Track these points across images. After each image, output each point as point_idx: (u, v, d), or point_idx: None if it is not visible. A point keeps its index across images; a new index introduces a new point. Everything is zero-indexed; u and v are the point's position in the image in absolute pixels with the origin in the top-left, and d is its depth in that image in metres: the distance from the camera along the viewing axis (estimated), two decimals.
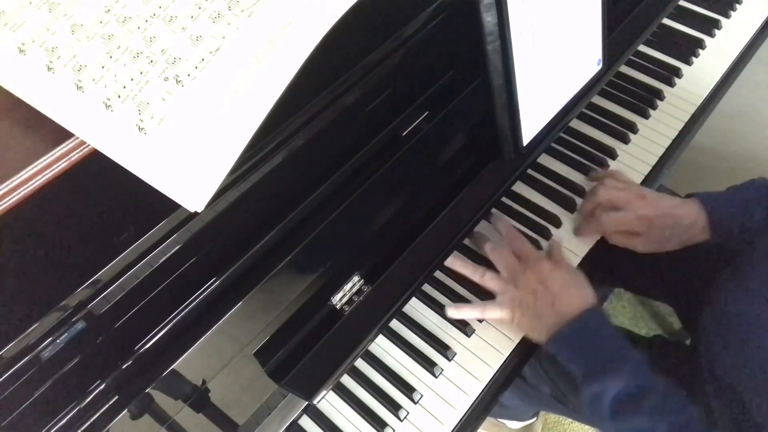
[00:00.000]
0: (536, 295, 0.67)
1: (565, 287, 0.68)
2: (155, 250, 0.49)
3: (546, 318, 0.66)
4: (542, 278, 0.68)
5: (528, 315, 0.68)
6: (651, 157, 0.88)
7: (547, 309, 0.67)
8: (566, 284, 0.68)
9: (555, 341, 0.66)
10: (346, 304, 0.66)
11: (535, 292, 0.68)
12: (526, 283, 0.69)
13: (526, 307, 0.68)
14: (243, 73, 0.44)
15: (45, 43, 0.46)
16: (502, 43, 0.63)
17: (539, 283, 0.68)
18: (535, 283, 0.68)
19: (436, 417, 0.69)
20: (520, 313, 0.69)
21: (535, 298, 0.67)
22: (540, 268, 0.70)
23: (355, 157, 0.63)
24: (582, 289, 0.69)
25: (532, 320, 0.68)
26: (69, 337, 0.47)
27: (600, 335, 0.65)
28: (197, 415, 0.58)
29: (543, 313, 0.67)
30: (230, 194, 0.52)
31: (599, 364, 0.63)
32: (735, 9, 1.03)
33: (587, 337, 0.65)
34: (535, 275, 0.69)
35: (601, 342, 0.65)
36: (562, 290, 0.67)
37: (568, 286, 0.68)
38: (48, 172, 0.45)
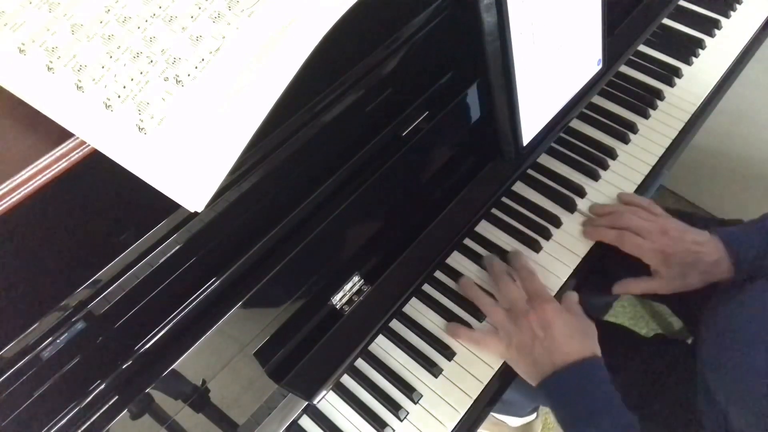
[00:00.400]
0: (535, 341, 0.66)
1: (567, 336, 0.66)
2: (155, 250, 0.49)
3: (541, 366, 0.65)
4: (545, 323, 0.66)
5: (524, 358, 0.67)
6: (651, 157, 0.88)
7: (544, 357, 0.65)
8: (569, 333, 0.66)
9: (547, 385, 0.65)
10: (346, 304, 0.66)
11: (535, 337, 0.66)
12: (528, 325, 0.67)
13: (523, 350, 0.66)
14: (243, 73, 0.44)
15: (45, 43, 0.46)
16: (502, 43, 0.63)
17: (541, 328, 0.66)
18: (537, 328, 0.66)
19: (436, 417, 0.69)
20: (516, 353, 0.67)
21: (534, 344, 0.66)
22: (544, 311, 0.67)
23: (355, 157, 0.63)
24: (584, 340, 0.67)
25: (527, 364, 0.67)
26: (69, 337, 0.47)
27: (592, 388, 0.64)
28: (197, 415, 0.58)
29: (539, 360, 0.65)
30: (230, 194, 0.52)
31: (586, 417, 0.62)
32: (735, 9, 1.03)
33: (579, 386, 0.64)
34: (538, 319, 0.67)
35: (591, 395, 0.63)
36: (563, 340, 0.65)
37: (571, 335, 0.66)
38: (48, 172, 0.45)
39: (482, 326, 0.74)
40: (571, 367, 0.64)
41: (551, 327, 0.66)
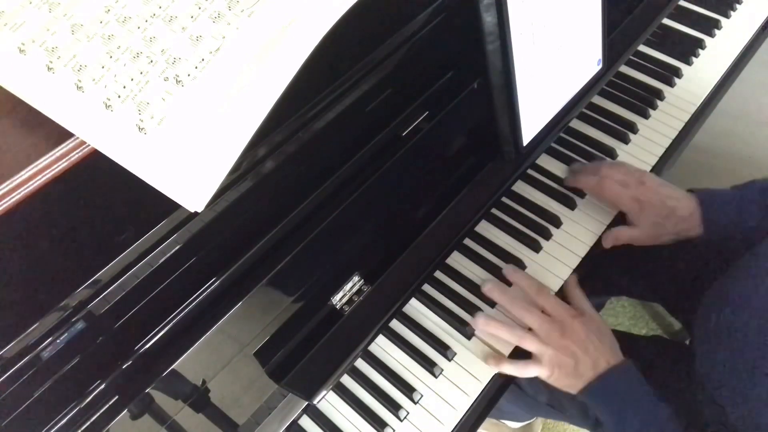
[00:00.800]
0: (576, 358, 0.68)
1: (602, 347, 0.69)
2: (155, 250, 0.49)
3: (585, 377, 0.68)
4: (581, 341, 0.69)
5: (568, 376, 0.69)
6: (651, 157, 0.88)
7: (587, 370, 0.68)
8: (602, 344, 0.70)
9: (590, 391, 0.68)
10: (346, 304, 0.66)
11: (574, 355, 0.68)
12: (566, 346, 0.69)
13: (566, 369, 0.69)
14: (243, 73, 0.44)
15: (45, 43, 0.46)
16: (502, 43, 0.63)
17: (579, 346, 0.69)
18: (574, 347, 0.69)
19: (436, 417, 0.69)
20: (558, 372, 0.69)
21: (575, 361, 0.68)
22: (577, 330, 0.70)
23: (355, 157, 0.63)
24: (613, 347, 0.70)
25: (572, 379, 0.69)
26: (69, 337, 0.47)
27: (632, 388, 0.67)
28: (197, 415, 0.58)
29: (583, 373, 0.68)
30: (230, 194, 0.52)
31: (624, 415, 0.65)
32: (735, 9, 1.03)
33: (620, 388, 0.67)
34: (574, 338, 0.69)
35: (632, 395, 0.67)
36: (599, 352, 0.69)
37: (604, 344, 0.70)
38: (48, 172, 0.45)
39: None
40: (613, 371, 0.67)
41: (587, 342, 0.69)
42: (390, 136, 0.66)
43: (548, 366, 0.70)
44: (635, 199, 0.76)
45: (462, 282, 0.77)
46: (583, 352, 0.68)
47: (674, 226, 0.75)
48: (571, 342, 0.69)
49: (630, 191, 0.77)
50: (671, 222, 0.75)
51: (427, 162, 0.71)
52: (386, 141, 0.66)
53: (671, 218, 0.75)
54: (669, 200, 0.75)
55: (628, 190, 0.77)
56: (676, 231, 0.75)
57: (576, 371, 0.68)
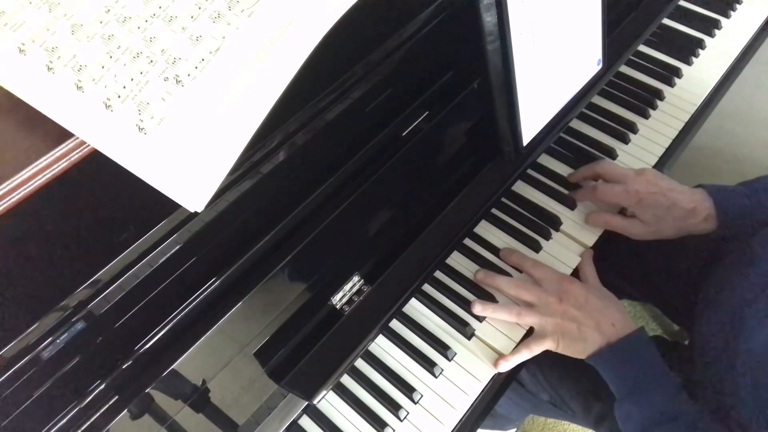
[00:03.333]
0: (578, 321, 0.68)
1: (605, 309, 0.68)
2: (155, 250, 0.49)
3: (591, 340, 0.67)
4: (580, 305, 0.68)
5: (573, 341, 0.68)
6: (651, 157, 0.88)
7: (591, 333, 0.67)
8: (604, 306, 0.69)
9: (600, 359, 0.67)
10: (346, 304, 0.66)
11: (575, 318, 0.68)
12: (565, 312, 0.68)
13: (570, 335, 0.68)
14: (243, 73, 0.44)
15: (45, 43, 0.46)
16: (502, 43, 0.63)
17: (578, 309, 0.68)
18: (574, 311, 0.68)
19: (436, 417, 0.69)
20: (564, 341, 0.69)
21: (578, 324, 0.67)
22: (575, 294, 0.69)
23: (355, 157, 0.63)
24: (620, 310, 0.69)
25: (577, 344, 0.68)
26: (69, 337, 0.47)
27: (643, 358, 0.66)
28: (197, 415, 0.58)
29: (588, 336, 0.67)
30: (230, 194, 0.52)
31: (640, 385, 0.64)
32: (735, 9, 1.03)
33: (630, 358, 0.66)
34: (572, 302, 0.69)
35: (641, 365, 0.66)
36: (603, 313, 0.68)
37: (607, 307, 0.69)
38: (48, 172, 0.45)
39: (483, 326, 0.74)
40: (624, 340, 0.66)
41: (587, 304, 0.68)
42: (390, 136, 0.66)
43: (552, 336, 0.69)
44: (632, 192, 0.74)
45: (462, 282, 0.77)
46: (585, 314, 0.67)
47: (677, 219, 0.73)
48: (569, 306, 0.68)
49: (627, 184, 0.75)
50: (673, 215, 0.73)
51: (427, 162, 0.71)
52: (386, 141, 0.66)
53: (673, 210, 0.73)
54: (670, 192, 0.74)
55: (625, 183, 0.75)
56: (679, 225, 0.73)
57: (580, 335, 0.67)
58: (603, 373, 0.68)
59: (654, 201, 0.73)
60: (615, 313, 0.68)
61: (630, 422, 0.65)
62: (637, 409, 0.64)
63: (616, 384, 0.67)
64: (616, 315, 0.68)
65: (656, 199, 0.73)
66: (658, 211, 0.73)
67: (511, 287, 0.73)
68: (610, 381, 0.67)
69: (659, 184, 0.75)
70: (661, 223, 0.74)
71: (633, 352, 0.66)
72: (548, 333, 0.69)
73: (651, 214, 0.74)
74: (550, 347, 0.70)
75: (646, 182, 0.75)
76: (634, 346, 0.66)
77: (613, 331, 0.67)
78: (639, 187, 0.74)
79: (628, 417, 0.65)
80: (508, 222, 0.82)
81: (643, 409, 0.63)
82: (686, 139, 0.90)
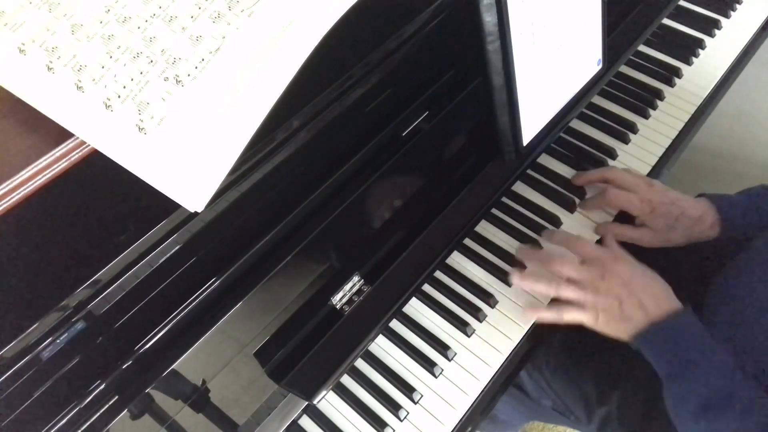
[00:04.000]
0: (621, 300, 0.66)
1: (648, 287, 0.67)
2: (155, 250, 0.49)
3: (635, 319, 0.65)
4: (623, 281, 0.67)
5: (614, 319, 0.67)
6: (651, 157, 0.88)
7: (635, 311, 0.65)
8: (648, 284, 0.67)
9: (646, 339, 0.65)
10: (346, 304, 0.66)
11: (619, 296, 0.66)
12: (608, 289, 0.67)
13: (612, 313, 0.67)
14: (243, 73, 0.44)
15: (45, 43, 0.46)
16: (502, 43, 0.63)
17: (622, 287, 0.67)
18: (618, 288, 0.67)
19: (436, 417, 0.69)
20: (604, 318, 0.67)
21: (620, 303, 0.66)
22: (619, 271, 0.68)
23: (355, 157, 0.63)
24: (664, 288, 0.68)
25: (620, 323, 0.66)
26: (69, 337, 0.47)
27: (690, 337, 0.64)
28: (197, 415, 0.58)
29: (631, 315, 0.65)
30: (230, 194, 0.52)
31: (689, 365, 0.62)
32: (735, 9, 1.03)
33: (678, 337, 0.64)
34: (615, 280, 0.67)
35: (691, 344, 0.64)
36: (646, 291, 0.66)
37: (651, 285, 0.67)
38: (48, 172, 0.45)
39: (482, 326, 0.74)
40: (671, 318, 0.64)
41: (632, 282, 0.66)
42: (390, 136, 0.66)
43: (591, 311, 0.67)
44: (646, 201, 0.75)
45: (462, 282, 0.77)
46: (628, 292, 0.66)
47: (686, 228, 0.75)
48: (613, 284, 0.67)
49: (639, 194, 0.76)
50: (682, 224, 0.74)
51: (427, 162, 0.71)
52: (386, 141, 0.66)
53: (682, 220, 0.74)
54: (679, 201, 0.75)
55: (637, 192, 0.76)
56: (687, 233, 0.75)
57: (622, 314, 0.65)
58: (648, 353, 0.66)
59: (665, 211, 0.75)
60: (659, 291, 0.67)
61: (682, 405, 0.63)
62: (688, 391, 0.61)
63: (664, 365, 0.65)
64: (661, 293, 0.66)
65: (667, 209, 0.75)
66: (669, 221, 0.75)
67: (550, 263, 0.71)
68: (657, 362, 0.65)
69: (668, 195, 0.76)
70: (671, 232, 0.75)
71: (681, 330, 0.64)
72: (588, 307, 0.67)
73: (662, 224, 0.75)
74: (587, 322, 0.68)
75: (657, 193, 0.76)
76: (681, 324, 0.64)
77: (658, 309, 0.65)
78: (652, 197, 0.75)
79: (679, 400, 0.63)
80: (508, 222, 0.82)
81: (697, 389, 0.61)
82: (686, 139, 0.90)
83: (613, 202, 0.78)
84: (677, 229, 0.75)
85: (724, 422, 0.59)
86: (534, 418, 1.01)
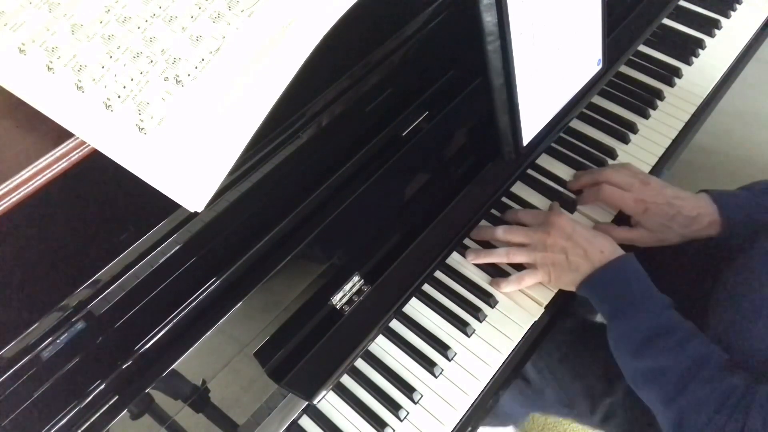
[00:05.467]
0: (566, 252, 0.69)
1: (592, 238, 0.70)
2: (155, 250, 0.49)
3: (582, 268, 0.69)
4: (566, 234, 0.70)
5: (564, 271, 0.70)
6: (651, 157, 0.88)
7: (581, 261, 0.69)
8: (591, 236, 0.71)
9: (588, 283, 0.68)
10: (346, 304, 0.66)
11: (564, 249, 0.69)
12: (553, 244, 0.70)
13: (560, 265, 0.70)
14: (243, 73, 0.44)
15: (45, 43, 0.46)
16: (502, 43, 0.63)
17: (566, 239, 0.70)
18: (562, 242, 0.70)
19: (436, 417, 0.69)
20: (555, 273, 0.71)
21: (566, 255, 0.69)
22: (561, 226, 0.71)
23: (355, 157, 0.63)
24: (607, 239, 0.71)
25: (568, 274, 0.70)
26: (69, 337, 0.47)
27: (630, 279, 0.67)
28: (197, 415, 0.58)
29: (577, 265, 0.69)
30: (230, 194, 0.52)
31: (629, 304, 0.65)
32: (735, 9, 1.03)
33: (617, 280, 0.67)
34: (559, 234, 0.71)
35: (632, 284, 0.67)
36: (590, 241, 0.70)
37: (594, 236, 0.71)
38: (48, 172, 0.45)
39: (482, 325, 0.74)
40: (614, 262, 0.67)
41: (573, 234, 0.70)
42: (390, 136, 0.66)
43: (543, 269, 0.71)
44: (639, 200, 0.75)
45: (462, 282, 0.77)
46: (573, 244, 0.69)
47: (681, 227, 0.74)
48: (557, 238, 0.70)
49: (633, 193, 0.76)
50: (678, 223, 0.74)
51: (426, 162, 0.71)
52: (386, 141, 0.66)
53: (678, 219, 0.74)
54: (675, 200, 0.75)
55: (631, 191, 0.76)
56: (683, 232, 0.75)
57: (569, 265, 0.69)
58: (592, 298, 0.69)
59: (659, 210, 0.75)
60: (602, 241, 0.70)
61: (622, 342, 0.66)
62: (628, 328, 0.65)
63: (605, 306, 0.68)
64: (604, 243, 0.70)
65: (662, 208, 0.75)
66: (664, 220, 0.75)
67: (501, 233, 0.75)
68: (599, 305, 0.68)
69: (664, 193, 0.76)
70: (666, 231, 0.75)
71: (621, 273, 0.67)
72: (539, 266, 0.71)
73: (656, 223, 0.75)
74: (542, 280, 0.72)
75: (652, 191, 0.76)
76: (621, 268, 0.67)
77: (602, 257, 0.68)
78: (646, 197, 0.75)
79: (620, 338, 0.66)
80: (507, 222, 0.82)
81: (636, 325, 0.64)
82: (686, 139, 0.90)
83: (606, 199, 0.78)
84: (672, 228, 0.75)
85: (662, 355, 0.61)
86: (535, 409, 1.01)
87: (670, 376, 0.60)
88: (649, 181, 0.77)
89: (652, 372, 0.62)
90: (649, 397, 0.63)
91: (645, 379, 0.63)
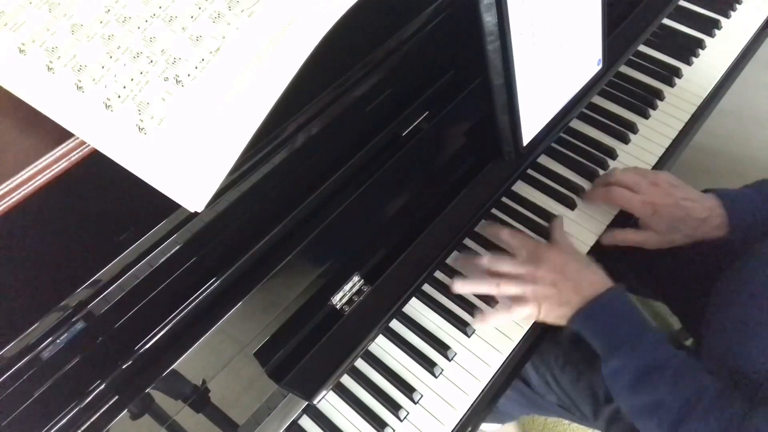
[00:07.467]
0: (557, 286, 0.68)
1: (582, 271, 0.69)
2: (155, 250, 0.49)
3: (572, 303, 0.68)
4: (558, 269, 0.69)
5: (554, 305, 0.69)
6: (651, 157, 0.88)
7: (571, 295, 0.68)
8: (582, 268, 0.70)
9: (579, 318, 0.67)
10: (346, 304, 0.66)
11: (555, 283, 0.68)
12: (544, 277, 0.69)
13: (551, 299, 0.69)
14: (243, 73, 0.44)
15: (45, 43, 0.46)
16: (502, 43, 0.63)
17: (556, 273, 0.69)
18: (552, 275, 0.69)
19: (436, 417, 0.69)
20: (546, 306, 0.69)
21: (557, 289, 0.68)
22: (549, 258, 0.70)
23: (355, 157, 0.63)
24: (597, 272, 0.70)
25: (559, 308, 0.68)
26: (69, 337, 0.47)
27: (622, 312, 0.66)
28: (197, 415, 0.58)
29: (568, 300, 0.68)
30: (230, 194, 0.52)
31: (621, 340, 0.64)
32: (735, 9, 1.03)
33: (610, 313, 0.66)
34: (549, 268, 0.69)
35: (623, 319, 0.66)
36: (580, 275, 0.69)
37: (584, 269, 0.70)
38: (48, 172, 0.45)
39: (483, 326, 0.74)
40: (603, 296, 0.66)
41: (564, 267, 0.69)
42: (390, 136, 0.66)
43: (533, 302, 0.69)
44: (647, 203, 0.75)
45: None
46: (563, 277, 0.68)
47: (690, 229, 0.73)
48: (547, 271, 0.69)
49: (641, 195, 0.75)
50: (686, 225, 0.73)
51: (427, 162, 0.71)
52: (386, 141, 0.66)
53: (686, 221, 0.73)
54: (684, 202, 0.74)
55: (640, 194, 0.75)
56: (691, 234, 0.74)
57: (560, 299, 0.68)
58: (585, 333, 0.68)
59: (668, 213, 0.74)
60: (592, 275, 0.69)
61: (617, 379, 0.65)
62: (622, 364, 0.64)
63: (598, 342, 0.67)
64: (594, 276, 0.69)
65: (670, 211, 0.74)
66: (672, 222, 0.74)
67: (489, 262, 0.73)
68: (593, 340, 0.68)
69: (673, 194, 0.75)
70: (673, 234, 0.74)
71: (611, 306, 0.66)
72: (529, 300, 0.69)
73: (665, 225, 0.74)
74: (531, 314, 0.70)
75: (660, 193, 0.75)
76: (611, 301, 0.66)
77: (592, 290, 0.67)
78: (654, 199, 0.75)
79: (615, 374, 0.65)
80: (508, 222, 0.82)
81: (629, 362, 0.63)
82: (686, 139, 0.90)
83: (614, 201, 0.78)
84: (680, 230, 0.74)
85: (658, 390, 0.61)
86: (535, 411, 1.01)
87: (669, 407, 0.60)
88: (659, 182, 0.76)
89: (651, 405, 0.62)
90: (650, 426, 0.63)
91: (643, 412, 0.63)
